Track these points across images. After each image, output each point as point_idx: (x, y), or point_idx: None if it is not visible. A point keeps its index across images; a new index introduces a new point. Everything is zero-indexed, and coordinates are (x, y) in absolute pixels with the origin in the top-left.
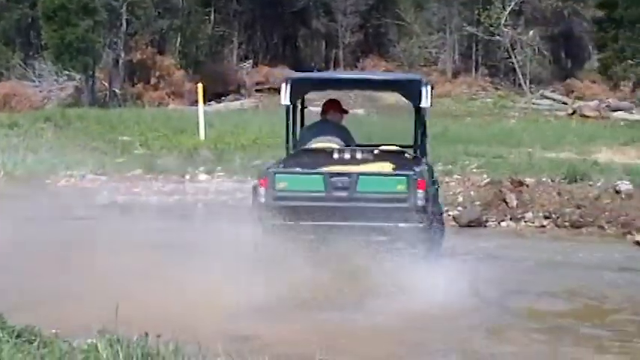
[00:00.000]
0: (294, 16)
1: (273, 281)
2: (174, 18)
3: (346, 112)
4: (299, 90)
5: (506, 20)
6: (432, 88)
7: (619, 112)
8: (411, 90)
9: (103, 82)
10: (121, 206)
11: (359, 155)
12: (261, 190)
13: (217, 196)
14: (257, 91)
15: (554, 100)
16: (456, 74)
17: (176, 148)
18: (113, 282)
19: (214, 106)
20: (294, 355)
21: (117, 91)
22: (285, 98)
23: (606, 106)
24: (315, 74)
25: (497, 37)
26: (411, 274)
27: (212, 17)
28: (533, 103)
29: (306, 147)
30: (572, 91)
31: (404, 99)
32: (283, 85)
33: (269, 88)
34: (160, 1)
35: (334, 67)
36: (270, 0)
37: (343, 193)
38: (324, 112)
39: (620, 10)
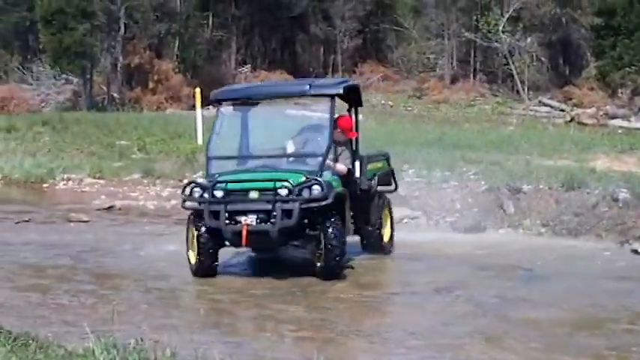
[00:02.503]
0: (292, 21)
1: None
2: (173, 22)
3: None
4: None
5: (504, 27)
6: None
7: (617, 120)
8: None
9: (101, 86)
10: (119, 210)
11: None
12: None
13: None
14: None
15: (552, 107)
16: (454, 80)
17: (174, 152)
18: (109, 287)
19: (212, 110)
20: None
21: (115, 95)
22: None
23: (604, 113)
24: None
25: (496, 44)
26: None
27: (210, 21)
28: (531, 110)
29: None
30: (570, 98)
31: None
32: None
33: None
34: (158, 5)
35: (332, 72)
36: (268, 5)
37: None
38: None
39: (618, 18)
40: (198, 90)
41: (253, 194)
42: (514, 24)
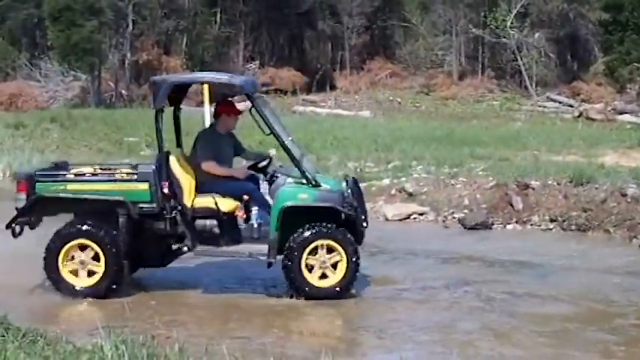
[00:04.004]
0: (300, 17)
1: None
2: (180, 19)
3: (238, 112)
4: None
5: (512, 22)
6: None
7: (625, 115)
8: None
9: (109, 83)
10: None
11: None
12: None
13: None
14: (263, 92)
15: (560, 102)
16: (462, 76)
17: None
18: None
19: None
20: (298, 355)
21: (123, 91)
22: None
23: (612, 109)
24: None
25: (504, 40)
26: None
27: (218, 18)
28: (540, 106)
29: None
30: (579, 94)
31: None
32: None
33: (275, 90)
34: (166, 2)
35: (340, 68)
36: (276, 1)
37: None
38: (215, 115)
39: (626, 13)
40: (206, 86)
41: None
42: (522, 20)
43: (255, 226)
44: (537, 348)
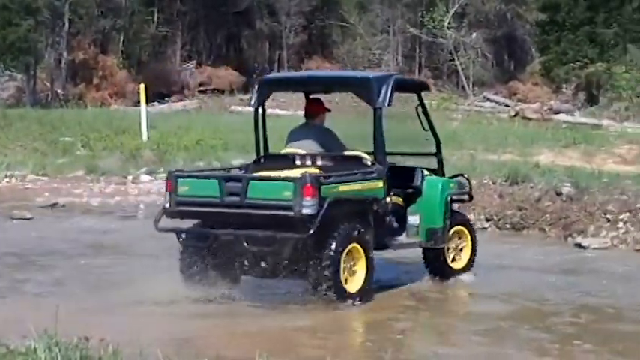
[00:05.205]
0: (237, 16)
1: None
2: (117, 18)
3: (328, 110)
4: (265, 92)
5: (449, 23)
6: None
7: (561, 115)
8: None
9: (45, 82)
10: (62, 207)
11: (319, 161)
12: (167, 194)
13: (159, 197)
14: (200, 92)
15: (496, 102)
16: None
17: (118, 149)
18: (52, 285)
19: (157, 106)
20: (233, 357)
21: (59, 91)
22: (253, 101)
23: (548, 108)
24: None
25: (441, 40)
26: None
27: (155, 17)
28: (476, 106)
29: (270, 153)
30: (515, 94)
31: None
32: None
33: (212, 89)
34: (103, 1)
35: (278, 68)
36: (213, 1)
37: (235, 199)
38: (306, 114)
39: (562, 14)
40: (142, 86)
41: None
42: (459, 20)
43: None
44: (472, 346)
